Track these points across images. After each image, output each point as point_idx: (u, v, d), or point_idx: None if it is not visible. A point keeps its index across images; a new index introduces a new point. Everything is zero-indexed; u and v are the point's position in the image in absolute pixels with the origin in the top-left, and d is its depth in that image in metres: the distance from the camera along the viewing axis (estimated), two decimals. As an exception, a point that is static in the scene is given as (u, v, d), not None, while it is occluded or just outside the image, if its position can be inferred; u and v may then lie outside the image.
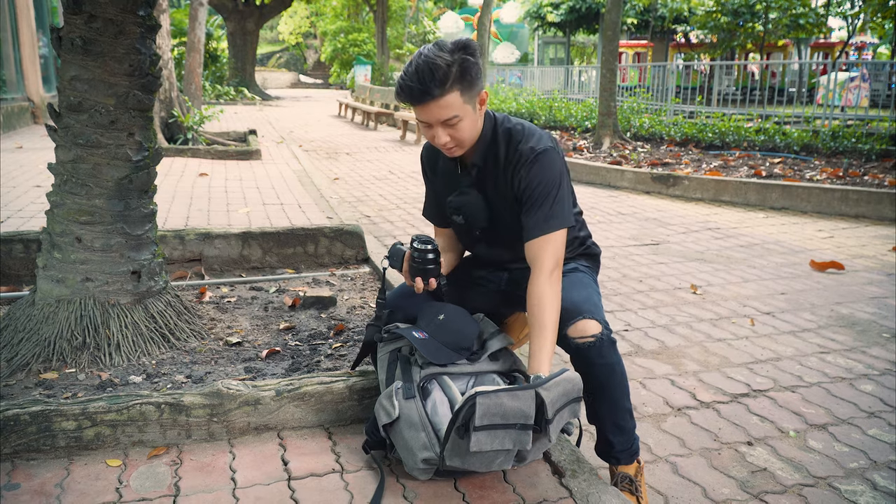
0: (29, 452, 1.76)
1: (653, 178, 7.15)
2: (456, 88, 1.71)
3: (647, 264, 4.40)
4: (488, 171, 1.91)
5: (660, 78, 13.88)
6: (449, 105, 1.71)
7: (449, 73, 1.68)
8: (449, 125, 1.75)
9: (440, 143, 1.79)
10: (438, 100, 1.70)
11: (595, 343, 1.72)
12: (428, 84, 1.67)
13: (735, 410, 2.49)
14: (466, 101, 1.74)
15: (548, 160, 1.82)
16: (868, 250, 4.81)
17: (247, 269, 3.66)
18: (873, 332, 3.26)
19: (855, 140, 8.30)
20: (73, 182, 2.47)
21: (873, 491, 2.02)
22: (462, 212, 1.93)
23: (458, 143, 1.80)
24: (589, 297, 1.83)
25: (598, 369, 1.75)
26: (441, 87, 1.68)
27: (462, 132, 1.77)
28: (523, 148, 1.83)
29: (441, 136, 1.77)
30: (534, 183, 1.81)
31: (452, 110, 1.72)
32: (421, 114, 1.75)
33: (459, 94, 1.72)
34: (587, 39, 31.10)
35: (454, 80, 1.69)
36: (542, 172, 1.81)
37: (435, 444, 1.63)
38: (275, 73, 37.76)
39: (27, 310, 2.53)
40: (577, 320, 1.74)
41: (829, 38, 22.56)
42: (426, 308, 1.92)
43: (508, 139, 1.87)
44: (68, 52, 2.42)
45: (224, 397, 1.88)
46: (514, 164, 1.84)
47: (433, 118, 1.74)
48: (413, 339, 1.79)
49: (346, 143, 11.44)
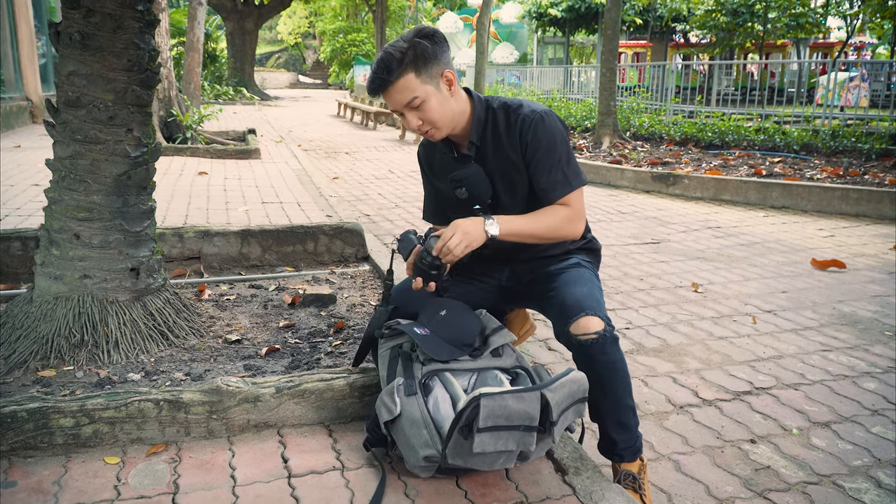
0: (26, 450, 1.74)
1: (653, 177, 7.14)
2: (409, 71, 1.77)
3: (647, 263, 4.38)
4: (487, 146, 1.94)
5: (659, 77, 13.88)
6: (404, 87, 1.78)
7: (402, 60, 1.76)
8: (414, 108, 1.81)
9: (415, 127, 1.85)
10: (394, 84, 1.78)
11: (598, 340, 1.71)
12: (382, 73, 1.77)
13: (737, 408, 2.48)
14: (425, 80, 1.80)
15: (551, 120, 1.89)
16: (869, 249, 4.80)
17: (246, 267, 3.64)
18: (875, 330, 3.25)
19: (855, 139, 8.29)
20: (71, 178, 2.45)
21: (878, 489, 2.00)
22: (465, 183, 1.93)
23: (431, 123, 1.84)
24: (591, 293, 1.81)
25: (601, 366, 1.74)
26: (393, 73, 1.77)
27: (430, 112, 1.82)
28: (524, 112, 1.89)
29: (412, 119, 1.83)
30: (543, 142, 1.86)
31: (410, 92, 1.78)
32: (388, 104, 1.84)
33: (415, 76, 1.78)
34: (586, 40, 31.08)
35: (406, 63, 1.77)
36: (549, 132, 1.86)
37: (437, 442, 1.61)
38: (274, 74, 37.76)
39: (25, 307, 2.51)
40: (580, 317, 1.73)
41: (827, 39, 22.56)
42: (427, 304, 1.90)
43: (506, 110, 1.92)
44: (66, 46, 2.40)
45: (223, 394, 1.86)
46: (519, 130, 1.88)
47: (396, 103, 1.82)
48: (415, 335, 1.78)
49: (345, 143, 11.43)
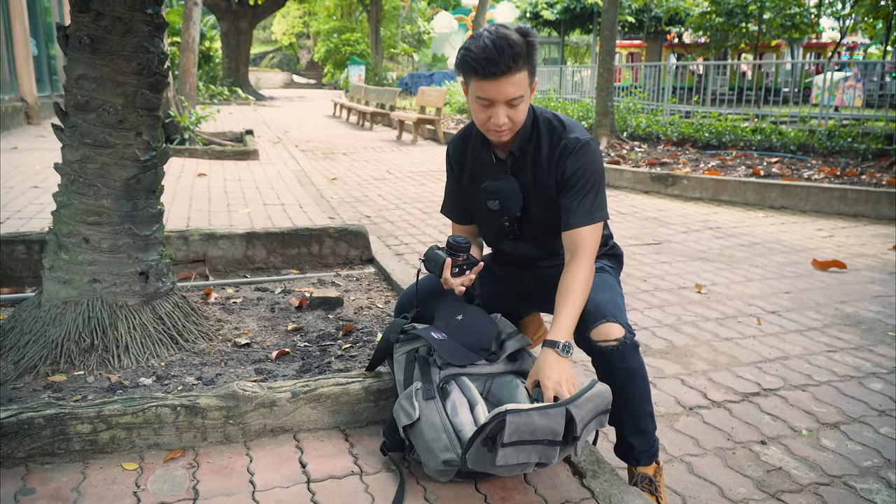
0: (43, 456, 1.73)
1: (652, 177, 7.16)
2: (525, 68, 1.73)
3: (650, 264, 4.40)
4: (526, 160, 1.91)
5: (654, 78, 13.92)
6: (519, 83, 1.73)
7: (522, 51, 1.69)
8: (512, 105, 1.76)
9: (498, 124, 1.77)
10: (513, 75, 1.70)
11: (618, 347, 1.71)
12: (507, 57, 1.67)
13: (747, 409, 2.49)
14: (529, 83, 1.77)
15: (592, 150, 1.86)
16: (868, 249, 4.83)
17: (251, 269, 3.63)
18: (879, 331, 3.27)
19: (851, 139, 8.34)
20: (80, 182, 2.45)
21: (889, 489, 2.02)
22: (498, 197, 1.91)
23: (514, 124, 1.80)
24: (613, 299, 1.82)
25: (621, 373, 1.74)
26: (517, 63, 1.69)
27: (520, 114, 1.79)
28: (569, 137, 1.86)
29: (501, 115, 1.76)
30: (580, 171, 1.83)
31: (520, 89, 1.74)
32: (490, 89, 1.73)
33: (527, 75, 1.74)
34: (581, 39, 31.14)
35: (525, 58, 1.71)
36: (588, 162, 1.84)
37: (457, 446, 1.62)
38: (268, 73, 37.68)
39: (33, 311, 2.50)
40: (601, 323, 1.73)
41: (820, 39, 22.68)
42: (443, 308, 1.90)
43: (551, 129, 1.89)
44: (76, 50, 2.40)
45: (240, 399, 1.86)
46: (559, 154, 1.85)
47: (502, 95, 1.73)
48: (432, 339, 1.78)
49: (342, 144, 11.42)
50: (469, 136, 2.03)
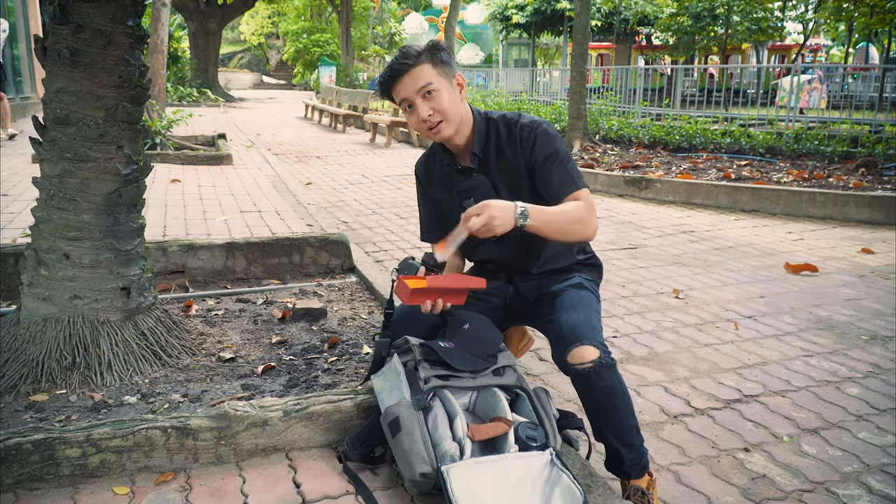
0: (32, 482, 1.70)
1: (625, 181, 7.25)
2: (427, 61, 1.86)
3: (627, 269, 4.45)
4: (490, 157, 1.99)
5: (623, 80, 14.07)
6: (420, 75, 1.85)
7: (420, 52, 1.87)
8: (428, 96, 1.86)
9: (424, 118, 1.87)
10: (414, 69, 1.85)
11: (594, 368, 1.74)
12: (400, 60, 1.86)
13: (729, 417, 2.54)
14: (440, 74, 1.87)
15: (551, 129, 1.98)
16: (838, 252, 4.95)
17: (231, 280, 3.60)
18: (852, 335, 3.35)
19: (817, 142, 8.53)
20: (60, 197, 2.40)
21: (870, 495, 2.07)
22: (472, 193, 1.96)
23: (442, 114, 1.87)
24: (587, 319, 1.84)
25: (599, 392, 1.78)
26: (416, 59, 1.85)
27: (441, 102, 1.86)
28: (524, 121, 1.98)
29: (423, 109, 1.86)
30: (547, 148, 1.93)
31: (425, 78, 1.85)
32: (401, 90, 1.87)
33: (431, 66, 1.86)
34: (551, 41, 31.33)
35: (424, 55, 1.86)
36: (550, 138, 1.95)
37: (434, 460, 1.63)
38: (237, 74, 37.25)
39: (12, 329, 2.45)
40: (575, 347, 1.76)
41: (784, 42, 23.13)
42: (451, 319, 1.94)
43: (506, 122, 2.00)
44: (55, 63, 2.35)
45: (232, 419, 1.85)
46: (520, 138, 1.95)
47: (411, 88, 1.85)
48: (439, 348, 1.80)
49: (315, 147, 11.34)
50: (434, 153, 2.13)
